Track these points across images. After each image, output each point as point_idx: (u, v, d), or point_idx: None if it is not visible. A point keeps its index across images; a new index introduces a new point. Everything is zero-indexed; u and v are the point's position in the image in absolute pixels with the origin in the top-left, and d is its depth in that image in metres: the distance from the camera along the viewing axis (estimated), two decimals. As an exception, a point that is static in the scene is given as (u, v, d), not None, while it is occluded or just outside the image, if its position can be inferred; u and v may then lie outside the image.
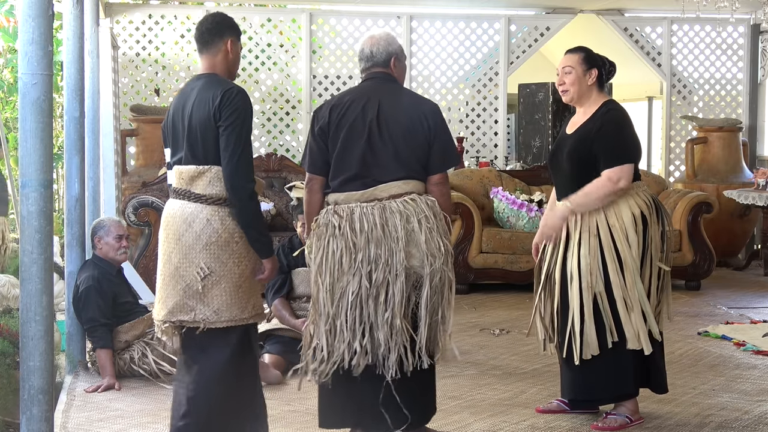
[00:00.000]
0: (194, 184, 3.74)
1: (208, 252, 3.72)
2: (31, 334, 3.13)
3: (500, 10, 9.96)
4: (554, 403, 4.74)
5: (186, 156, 3.75)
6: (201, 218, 3.72)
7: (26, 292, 3.13)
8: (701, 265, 8.24)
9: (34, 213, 3.11)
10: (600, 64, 4.56)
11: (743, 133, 10.06)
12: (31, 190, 3.11)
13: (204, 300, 3.73)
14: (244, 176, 3.67)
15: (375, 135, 3.96)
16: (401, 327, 3.87)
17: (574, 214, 4.40)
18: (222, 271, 3.74)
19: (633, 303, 4.37)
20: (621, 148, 4.43)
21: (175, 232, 3.76)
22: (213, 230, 3.72)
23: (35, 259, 3.12)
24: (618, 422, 4.47)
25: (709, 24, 10.17)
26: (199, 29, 3.86)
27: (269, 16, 9.70)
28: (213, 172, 3.71)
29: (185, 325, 3.78)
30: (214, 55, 3.81)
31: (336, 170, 4.00)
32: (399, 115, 3.98)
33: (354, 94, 4.06)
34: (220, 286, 3.74)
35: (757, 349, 6.04)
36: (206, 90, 3.71)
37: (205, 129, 3.68)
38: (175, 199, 3.81)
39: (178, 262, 3.75)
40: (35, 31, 3.05)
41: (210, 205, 3.72)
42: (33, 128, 3.09)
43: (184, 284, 3.74)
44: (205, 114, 3.67)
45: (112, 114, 7.62)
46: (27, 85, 3.08)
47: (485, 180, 8.60)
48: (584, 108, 4.55)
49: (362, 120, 3.97)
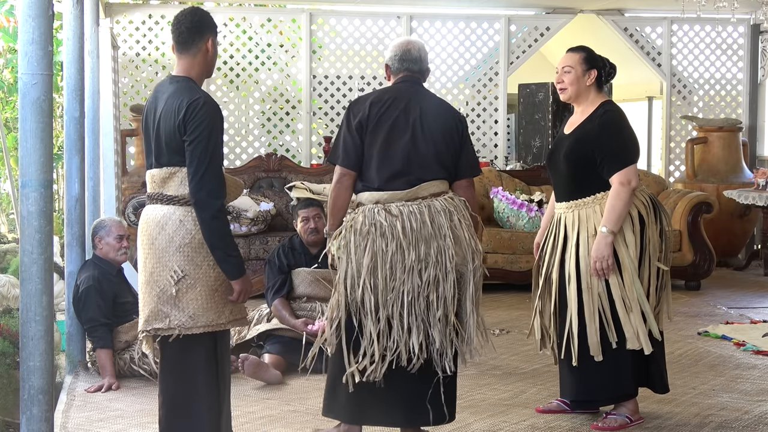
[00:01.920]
0: (166, 186, 3.62)
1: (182, 254, 3.58)
2: (31, 334, 3.13)
3: (500, 10, 9.96)
4: (554, 403, 4.74)
5: (156, 159, 3.65)
6: (174, 220, 3.59)
7: (26, 292, 3.13)
8: (701, 265, 8.24)
9: (34, 213, 3.11)
10: (600, 65, 4.55)
11: (743, 133, 10.06)
12: (31, 190, 3.11)
13: (179, 305, 3.59)
14: (208, 192, 3.52)
15: (419, 134, 4.02)
16: (454, 324, 3.94)
17: (614, 233, 4.33)
18: (197, 275, 3.60)
19: (632, 303, 4.37)
20: (624, 151, 4.44)
21: (148, 236, 3.64)
22: (186, 231, 3.58)
23: (35, 259, 3.12)
24: (618, 422, 4.47)
25: (709, 24, 10.17)
26: (178, 28, 3.63)
27: (269, 16, 9.70)
28: (183, 173, 3.58)
29: (160, 334, 3.62)
30: (194, 55, 3.64)
31: (379, 166, 4.00)
32: (438, 118, 4.07)
33: (394, 92, 4.09)
34: (195, 290, 3.60)
35: (757, 349, 6.05)
36: (175, 98, 3.56)
37: (170, 139, 3.57)
38: (149, 204, 3.70)
39: (152, 267, 3.62)
40: (35, 31, 3.05)
41: (182, 206, 3.59)
42: (33, 128, 3.09)
43: (158, 289, 3.60)
44: (171, 125, 3.54)
45: (112, 114, 7.62)
46: (27, 85, 3.08)
47: (485, 180, 8.60)
48: (582, 108, 4.55)
49: (405, 118, 4.02)
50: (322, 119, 9.80)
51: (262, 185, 8.36)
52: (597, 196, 4.43)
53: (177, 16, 3.67)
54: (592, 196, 4.44)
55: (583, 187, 4.46)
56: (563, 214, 4.54)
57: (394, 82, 4.15)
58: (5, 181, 10.12)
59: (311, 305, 5.68)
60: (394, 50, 4.15)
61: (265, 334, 5.60)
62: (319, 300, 5.66)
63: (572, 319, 4.40)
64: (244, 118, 9.63)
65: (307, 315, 5.63)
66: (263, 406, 4.87)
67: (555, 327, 4.55)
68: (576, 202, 4.48)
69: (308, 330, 5.46)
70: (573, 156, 4.46)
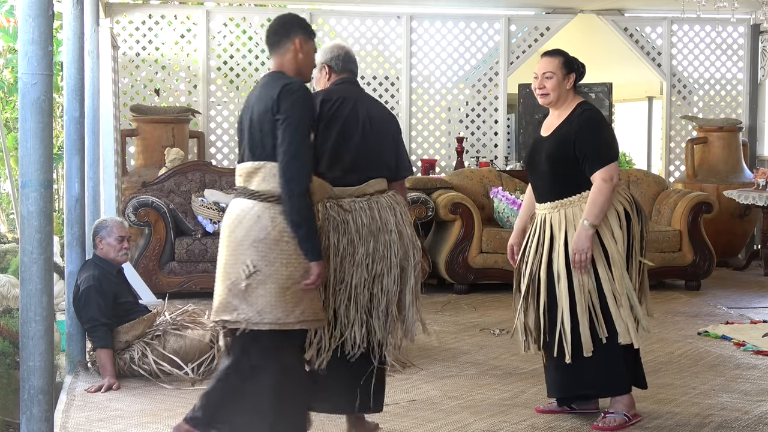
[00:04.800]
0: (250, 180, 3.76)
1: (256, 250, 3.68)
2: (31, 334, 3.13)
3: (500, 10, 9.96)
4: (554, 404, 4.75)
5: (245, 153, 3.80)
6: (252, 214, 3.70)
7: (26, 292, 3.13)
8: (701, 265, 8.24)
9: (34, 213, 3.11)
10: (576, 68, 4.59)
11: (743, 133, 10.06)
12: (31, 190, 3.11)
13: (248, 299, 3.68)
14: (297, 171, 3.64)
15: (368, 133, 4.17)
16: (395, 315, 4.09)
17: (595, 227, 4.38)
18: (269, 271, 3.68)
19: (621, 298, 4.41)
20: (605, 148, 4.47)
21: (227, 228, 3.77)
22: (262, 227, 3.68)
23: (35, 259, 3.12)
24: (617, 421, 4.48)
25: (709, 24, 10.17)
26: (267, 32, 3.93)
27: (269, 16, 9.69)
28: (268, 169, 3.71)
29: (227, 326, 3.74)
30: (282, 54, 3.86)
31: (331, 163, 4.10)
32: (383, 120, 4.27)
33: (341, 92, 4.20)
34: (266, 286, 3.67)
35: (757, 349, 6.05)
36: (268, 86, 3.76)
37: (263, 123, 3.70)
38: (234, 198, 3.84)
39: (225, 259, 3.75)
40: (35, 31, 3.06)
41: (262, 202, 3.71)
42: (33, 128, 3.10)
43: (230, 282, 3.71)
44: (264, 108, 3.70)
45: (112, 114, 7.61)
46: (27, 85, 3.08)
47: (485, 180, 8.60)
48: (559, 111, 4.59)
49: (355, 118, 4.15)
50: (322, 119, 9.78)
51: (262, 185, 8.35)
52: (583, 194, 4.46)
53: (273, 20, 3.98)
54: (578, 195, 4.47)
55: (567, 186, 4.49)
56: (548, 214, 4.55)
57: (336, 81, 4.26)
58: (5, 181, 10.12)
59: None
60: (336, 51, 4.28)
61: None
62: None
63: (564, 317, 4.42)
64: (244, 118, 9.62)
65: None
66: (263, 406, 4.86)
67: (545, 327, 4.54)
68: (561, 201, 4.50)
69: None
70: (555, 157, 4.49)
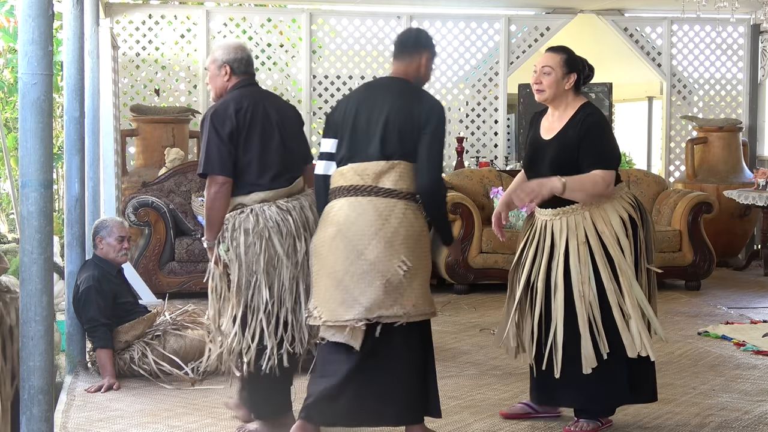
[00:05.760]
0: (381, 179, 3.89)
1: (406, 246, 3.86)
2: (31, 334, 3.13)
3: (500, 10, 9.96)
4: (516, 407, 4.64)
5: (372, 152, 3.91)
6: (397, 212, 3.86)
7: (26, 292, 3.13)
8: (701, 265, 8.24)
9: (34, 213, 3.11)
10: (580, 68, 4.38)
11: (743, 133, 10.06)
12: (31, 190, 3.11)
13: (404, 294, 3.85)
14: (440, 171, 3.98)
15: (284, 134, 4.26)
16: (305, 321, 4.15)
17: (562, 193, 4.22)
18: (417, 265, 3.89)
19: (631, 309, 4.23)
20: (609, 154, 4.32)
21: (368, 227, 3.84)
22: (409, 224, 3.88)
23: (35, 259, 3.12)
24: (590, 426, 4.37)
25: (709, 24, 10.17)
26: (402, 39, 4.11)
27: (269, 16, 9.70)
28: (402, 167, 3.89)
29: (382, 321, 3.84)
30: (409, 63, 4.04)
31: (260, 170, 4.17)
32: (291, 117, 4.37)
33: (249, 97, 4.25)
34: (417, 279, 3.89)
35: (757, 349, 6.05)
36: (406, 96, 3.95)
37: (405, 132, 3.89)
38: (352, 197, 3.89)
39: (374, 257, 3.83)
40: (35, 31, 3.05)
41: (402, 200, 3.88)
42: (33, 128, 3.09)
43: (384, 280, 3.83)
44: (407, 117, 3.90)
45: (112, 114, 7.62)
46: (27, 85, 3.08)
47: (485, 180, 8.60)
48: (559, 111, 4.39)
49: (269, 122, 4.23)
50: (322, 119, 9.80)
51: (262, 185, 8.36)
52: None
53: (404, 31, 4.25)
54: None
55: None
56: (549, 220, 4.38)
57: (237, 84, 4.30)
58: (5, 181, 10.11)
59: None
60: (239, 53, 4.32)
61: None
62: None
63: (557, 330, 4.27)
64: (244, 118, 9.62)
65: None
66: (263, 406, 4.86)
67: (539, 338, 4.36)
68: (564, 209, 4.33)
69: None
70: (559, 162, 4.31)
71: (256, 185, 4.15)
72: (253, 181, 4.15)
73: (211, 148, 4.13)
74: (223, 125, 4.14)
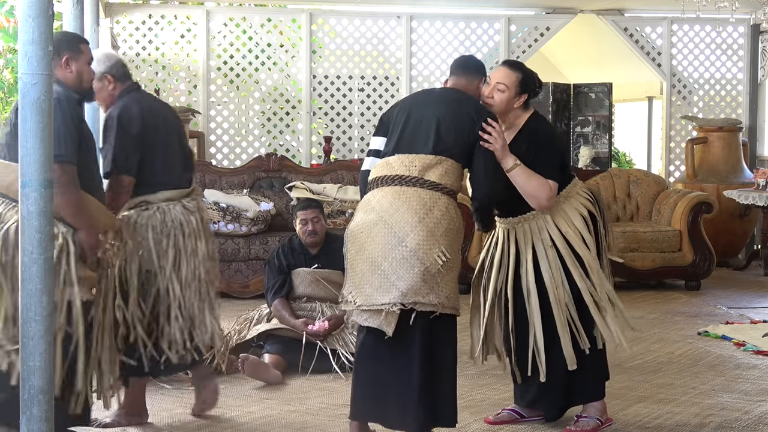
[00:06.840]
0: (428, 172, 3.96)
1: (447, 239, 3.92)
2: (31, 334, 3.14)
3: (500, 10, 9.96)
4: (501, 413, 4.64)
5: (423, 147, 3.99)
6: (440, 205, 3.94)
7: (26, 292, 3.13)
8: (701, 265, 8.24)
9: (34, 213, 3.12)
10: (531, 89, 4.37)
11: (743, 133, 10.05)
12: (31, 190, 3.11)
13: (440, 284, 3.89)
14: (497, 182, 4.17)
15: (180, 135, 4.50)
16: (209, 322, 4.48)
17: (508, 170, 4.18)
18: (454, 259, 3.96)
19: (605, 304, 4.32)
20: (556, 166, 4.31)
21: (412, 216, 3.89)
22: (450, 218, 3.96)
23: (35, 259, 3.12)
24: (591, 425, 4.41)
25: (709, 24, 10.17)
26: (465, 60, 4.35)
27: (269, 16, 9.70)
28: (449, 164, 4.00)
29: (417, 309, 3.86)
30: (468, 82, 4.22)
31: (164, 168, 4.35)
32: (172, 116, 4.59)
33: (144, 101, 4.42)
34: (451, 273, 3.95)
35: (757, 349, 6.05)
36: (464, 103, 4.10)
37: (459, 134, 4.02)
38: (398, 186, 3.95)
39: (416, 245, 3.86)
40: (35, 31, 3.06)
41: (445, 195, 3.97)
42: (33, 128, 3.10)
43: (423, 267, 3.86)
44: (462, 121, 4.04)
45: (112, 114, 7.60)
46: (27, 85, 3.08)
47: (485, 180, 8.58)
48: (507, 124, 4.34)
49: (166, 125, 4.42)
50: (322, 119, 9.81)
51: (262, 185, 8.36)
52: None
53: (466, 56, 4.48)
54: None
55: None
56: (511, 228, 4.39)
57: (125, 89, 4.40)
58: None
59: (311, 305, 5.68)
60: (113, 59, 4.46)
61: (265, 334, 5.60)
62: (319, 300, 5.68)
63: (537, 336, 4.30)
64: (244, 118, 9.63)
65: (307, 315, 5.64)
66: (263, 406, 4.86)
67: (513, 345, 4.42)
68: (524, 216, 4.35)
69: (308, 330, 5.46)
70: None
71: (162, 184, 4.31)
72: (159, 180, 4.31)
73: (122, 150, 4.25)
74: (132, 127, 4.27)
